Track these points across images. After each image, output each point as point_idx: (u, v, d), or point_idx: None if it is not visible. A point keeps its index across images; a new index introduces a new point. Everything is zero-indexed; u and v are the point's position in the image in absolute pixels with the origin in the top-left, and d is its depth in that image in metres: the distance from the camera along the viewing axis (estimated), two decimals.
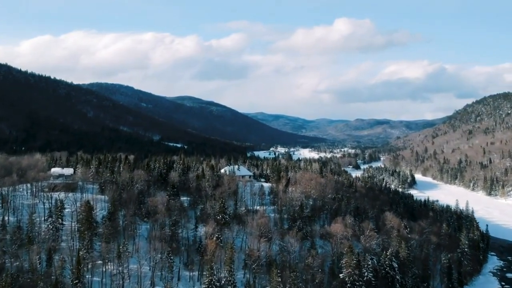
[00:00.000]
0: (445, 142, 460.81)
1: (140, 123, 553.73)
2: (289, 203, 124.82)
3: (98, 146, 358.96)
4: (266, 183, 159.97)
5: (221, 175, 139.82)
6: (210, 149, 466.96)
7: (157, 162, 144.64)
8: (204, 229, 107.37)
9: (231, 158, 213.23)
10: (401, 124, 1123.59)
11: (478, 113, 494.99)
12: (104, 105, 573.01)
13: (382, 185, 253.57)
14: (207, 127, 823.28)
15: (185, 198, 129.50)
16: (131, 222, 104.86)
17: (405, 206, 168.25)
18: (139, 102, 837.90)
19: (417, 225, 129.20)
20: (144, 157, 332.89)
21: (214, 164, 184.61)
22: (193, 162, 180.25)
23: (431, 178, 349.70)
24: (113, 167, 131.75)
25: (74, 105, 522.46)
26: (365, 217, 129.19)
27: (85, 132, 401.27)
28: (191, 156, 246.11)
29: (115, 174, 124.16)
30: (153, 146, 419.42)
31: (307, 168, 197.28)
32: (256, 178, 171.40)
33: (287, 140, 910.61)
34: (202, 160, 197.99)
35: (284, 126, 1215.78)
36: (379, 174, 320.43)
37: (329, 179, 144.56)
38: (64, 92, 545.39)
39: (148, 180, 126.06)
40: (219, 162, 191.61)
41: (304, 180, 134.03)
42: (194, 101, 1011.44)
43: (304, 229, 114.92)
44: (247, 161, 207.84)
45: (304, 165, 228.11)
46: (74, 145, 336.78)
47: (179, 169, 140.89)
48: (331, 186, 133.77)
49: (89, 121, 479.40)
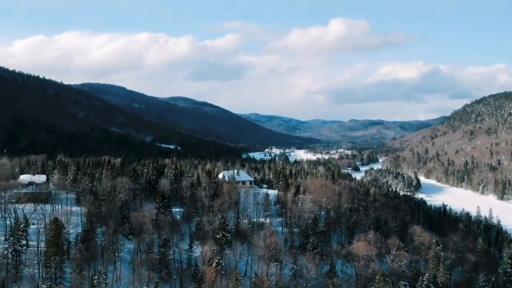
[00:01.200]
0: (446, 142, 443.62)
1: (132, 124, 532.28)
2: (299, 215, 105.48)
3: (86, 148, 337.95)
4: (269, 189, 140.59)
5: (220, 182, 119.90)
6: (204, 151, 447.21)
7: (146, 167, 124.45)
8: (200, 249, 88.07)
9: (229, 161, 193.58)
10: (395, 124, 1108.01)
11: (478, 113, 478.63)
12: (94, 106, 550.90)
13: (391, 189, 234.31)
14: (201, 128, 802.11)
15: (178, 209, 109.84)
16: (112, 241, 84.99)
17: (423, 214, 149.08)
18: (131, 103, 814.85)
19: (450, 240, 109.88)
20: (135, 159, 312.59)
21: (210, 168, 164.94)
22: (186, 166, 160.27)
23: (436, 181, 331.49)
24: (93, 173, 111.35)
25: (63, 106, 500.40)
26: (387, 230, 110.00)
27: (73, 133, 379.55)
28: (184, 159, 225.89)
29: (95, 182, 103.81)
30: (145, 148, 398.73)
31: (312, 172, 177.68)
32: (258, 184, 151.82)
33: (281, 141, 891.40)
34: (197, 164, 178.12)
35: (278, 127, 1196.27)
36: (382, 177, 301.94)
37: (344, 186, 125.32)
38: (53, 92, 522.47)
39: (134, 189, 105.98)
40: (216, 165, 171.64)
41: (314, 187, 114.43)
42: (187, 101, 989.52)
43: (319, 246, 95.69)
44: (246, 165, 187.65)
45: (308, 168, 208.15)
46: (60, 146, 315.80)
47: (171, 175, 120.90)
48: (346, 194, 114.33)
49: (79, 122, 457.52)
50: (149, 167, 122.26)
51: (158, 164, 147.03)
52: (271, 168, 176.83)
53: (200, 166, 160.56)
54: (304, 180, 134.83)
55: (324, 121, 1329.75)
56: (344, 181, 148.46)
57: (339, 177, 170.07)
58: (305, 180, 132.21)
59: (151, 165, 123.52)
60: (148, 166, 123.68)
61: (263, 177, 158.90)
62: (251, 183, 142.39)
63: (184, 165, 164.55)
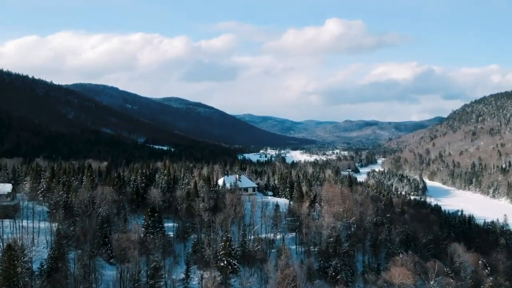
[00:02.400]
0: (447, 143, 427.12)
1: (124, 125, 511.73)
2: (317, 232, 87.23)
3: (74, 150, 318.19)
4: (275, 197, 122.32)
5: (220, 192, 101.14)
6: (198, 152, 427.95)
7: (134, 173, 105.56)
8: (199, 276, 70.10)
9: (227, 164, 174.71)
10: (389, 125, 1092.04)
11: (479, 113, 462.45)
12: (85, 106, 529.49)
13: (399, 193, 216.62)
14: (195, 129, 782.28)
15: (171, 224, 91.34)
16: (88, 270, 66.41)
17: (453, 227, 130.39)
18: (124, 103, 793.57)
19: (495, 259, 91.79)
20: (125, 162, 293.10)
21: (207, 172, 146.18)
22: (180, 170, 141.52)
23: (441, 183, 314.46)
24: (69, 181, 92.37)
25: (53, 106, 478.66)
26: (419, 249, 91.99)
27: (61, 135, 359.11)
28: (178, 162, 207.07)
29: (71, 192, 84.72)
30: (136, 149, 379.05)
31: (321, 177, 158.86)
32: (262, 191, 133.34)
33: (276, 142, 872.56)
34: (192, 167, 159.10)
35: (272, 128, 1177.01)
36: (386, 179, 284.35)
37: (363, 194, 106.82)
38: (43, 92, 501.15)
39: (118, 200, 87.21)
40: (213, 169, 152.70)
41: (330, 196, 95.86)
42: (181, 102, 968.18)
43: (343, 271, 77.62)
44: (246, 168, 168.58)
45: (314, 171, 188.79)
46: (46, 148, 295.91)
47: (163, 182, 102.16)
48: (369, 205, 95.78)
49: (69, 123, 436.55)
50: (137, 173, 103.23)
51: (148, 168, 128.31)
52: (275, 172, 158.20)
53: (196, 171, 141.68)
54: (318, 187, 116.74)
55: (319, 122, 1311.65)
56: (361, 188, 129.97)
57: (356, 183, 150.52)
58: (318, 188, 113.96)
59: (139, 171, 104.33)
60: (136, 172, 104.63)
61: (267, 182, 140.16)
62: (254, 190, 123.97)
63: (178, 169, 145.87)
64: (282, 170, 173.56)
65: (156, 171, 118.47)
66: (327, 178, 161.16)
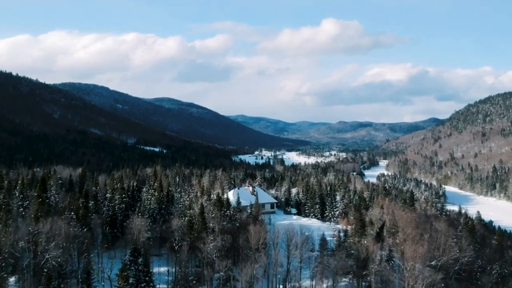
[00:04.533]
0: (454, 145, 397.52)
1: (114, 125, 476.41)
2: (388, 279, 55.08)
3: (57, 151, 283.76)
4: (301, 216, 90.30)
5: (238, 219, 68.20)
6: (192, 154, 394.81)
7: (111, 188, 72.43)
8: None
9: (232, 170, 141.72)
10: (384, 126, 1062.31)
11: (486, 113, 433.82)
12: (73, 105, 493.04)
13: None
14: (187, 130, 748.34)
15: (164, 268, 58.80)
16: None
17: None
18: (114, 104, 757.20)
19: None
20: (113, 165, 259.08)
21: (208, 180, 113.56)
22: (175, 179, 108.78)
23: (457, 188, 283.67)
24: (7, 204, 59.14)
25: (37, 105, 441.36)
26: None
27: (43, 135, 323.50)
28: (172, 166, 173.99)
29: (8, 224, 51.44)
30: (125, 151, 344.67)
31: (359, 189, 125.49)
32: (282, 207, 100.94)
33: (270, 143, 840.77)
34: (189, 175, 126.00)
35: (265, 129, 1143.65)
36: (400, 184, 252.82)
37: (439, 220, 74.28)
38: (27, 90, 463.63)
39: (81, 236, 54.09)
40: (216, 177, 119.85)
41: (404, 223, 63.75)
42: (173, 102, 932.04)
43: None
44: (257, 177, 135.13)
45: (337, 180, 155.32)
46: (24, 150, 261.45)
47: (152, 203, 69.22)
48: (451, 235, 63.84)
49: (54, 123, 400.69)
50: (116, 189, 70.03)
51: (135, 177, 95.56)
52: (296, 181, 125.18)
53: (195, 180, 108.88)
54: (368, 203, 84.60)
55: (312, 123, 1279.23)
56: (424, 207, 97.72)
57: (414, 201, 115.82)
58: (369, 204, 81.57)
59: (120, 186, 71.21)
60: (113, 189, 71.35)
61: (287, 196, 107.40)
62: (273, 207, 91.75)
63: (172, 177, 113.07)
64: (300, 177, 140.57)
65: (144, 183, 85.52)
66: (364, 189, 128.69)
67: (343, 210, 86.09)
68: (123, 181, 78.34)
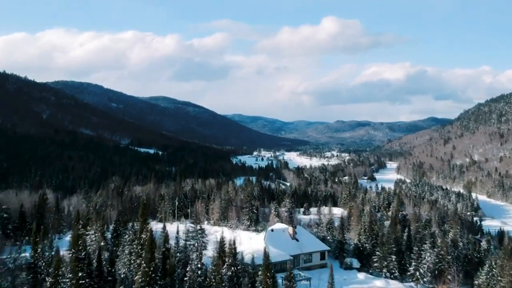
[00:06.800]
0: (469, 146, 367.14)
1: (107, 125, 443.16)
2: None
3: (40, 154, 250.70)
4: (368, 274, 58.24)
5: None
6: (190, 156, 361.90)
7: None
8: None
9: (246, 187, 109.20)
10: (382, 126, 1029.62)
11: (500, 113, 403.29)
12: (64, 104, 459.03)
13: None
14: (184, 129, 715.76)
15: None
16: None
17: None
18: (109, 102, 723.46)
19: None
20: (101, 171, 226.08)
21: (219, 208, 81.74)
22: (174, 211, 76.33)
23: (484, 196, 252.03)
24: None
25: (25, 103, 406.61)
26: None
27: (28, 136, 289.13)
28: (168, 179, 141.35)
29: None
30: (118, 153, 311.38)
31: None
32: (336, 256, 68.64)
33: (268, 142, 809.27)
34: (194, 197, 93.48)
35: (262, 128, 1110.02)
36: (426, 193, 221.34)
37: None
38: (15, 87, 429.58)
39: None
40: (230, 201, 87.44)
41: None
42: (169, 101, 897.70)
43: None
44: (285, 200, 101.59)
45: (388, 198, 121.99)
46: (3, 152, 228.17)
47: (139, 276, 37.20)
48: None
49: (42, 122, 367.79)
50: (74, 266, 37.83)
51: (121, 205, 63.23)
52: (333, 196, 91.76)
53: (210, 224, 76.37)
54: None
55: (309, 122, 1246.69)
56: None
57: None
58: None
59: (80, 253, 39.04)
60: (81, 244, 39.15)
61: (340, 238, 73.60)
62: (324, 257, 59.88)
63: (170, 208, 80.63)
64: (342, 194, 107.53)
65: (125, 226, 53.38)
66: (432, 216, 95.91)
67: (436, 266, 55.15)
68: (86, 247, 45.68)
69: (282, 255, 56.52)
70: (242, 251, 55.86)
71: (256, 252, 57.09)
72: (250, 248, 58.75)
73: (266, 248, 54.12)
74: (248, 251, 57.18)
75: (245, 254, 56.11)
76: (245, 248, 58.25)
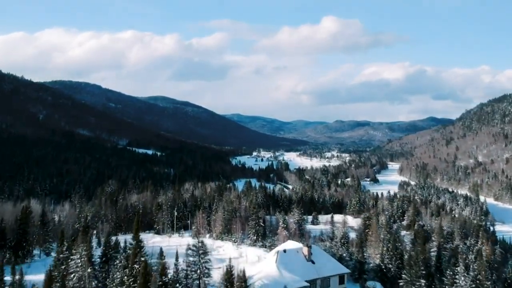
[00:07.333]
0: (472, 147, 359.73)
1: (105, 125, 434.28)
2: None
3: (35, 156, 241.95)
4: None
5: None
6: (189, 157, 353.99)
7: None
8: None
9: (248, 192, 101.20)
10: (382, 125, 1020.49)
11: (504, 113, 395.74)
12: (61, 104, 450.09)
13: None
14: (182, 129, 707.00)
15: None
16: None
17: None
18: (107, 102, 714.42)
19: None
20: (97, 175, 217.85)
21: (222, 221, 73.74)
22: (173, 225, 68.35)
23: (491, 199, 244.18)
24: None
25: (21, 104, 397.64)
26: None
27: (23, 138, 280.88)
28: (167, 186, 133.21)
29: None
30: (115, 155, 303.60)
31: None
32: (358, 280, 60.77)
33: (267, 142, 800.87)
34: (194, 208, 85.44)
35: (261, 128, 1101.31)
36: (433, 196, 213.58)
37: None
38: (10, 87, 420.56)
39: None
40: (234, 212, 79.34)
41: None
42: (167, 101, 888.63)
43: None
44: (295, 210, 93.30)
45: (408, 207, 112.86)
46: None
47: None
48: None
49: (38, 123, 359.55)
50: None
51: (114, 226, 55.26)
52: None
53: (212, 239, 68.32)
54: None
55: (308, 122, 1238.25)
56: None
57: None
58: None
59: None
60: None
61: (359, 257, 65.49)
62: (343, 280, 52.02)
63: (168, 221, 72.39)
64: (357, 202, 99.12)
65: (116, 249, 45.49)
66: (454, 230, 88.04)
67: None
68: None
69: (296, 281, 48.79)
70: (251, 277, 48.05)
71: (267, 277, 49.33)
72: (260, 272, 50.95)
73: (279, 274, 46.25)
74: (258, 277, 49.38)
75: (255, 280, 48.32)
76: (254, 273, 50.43)
